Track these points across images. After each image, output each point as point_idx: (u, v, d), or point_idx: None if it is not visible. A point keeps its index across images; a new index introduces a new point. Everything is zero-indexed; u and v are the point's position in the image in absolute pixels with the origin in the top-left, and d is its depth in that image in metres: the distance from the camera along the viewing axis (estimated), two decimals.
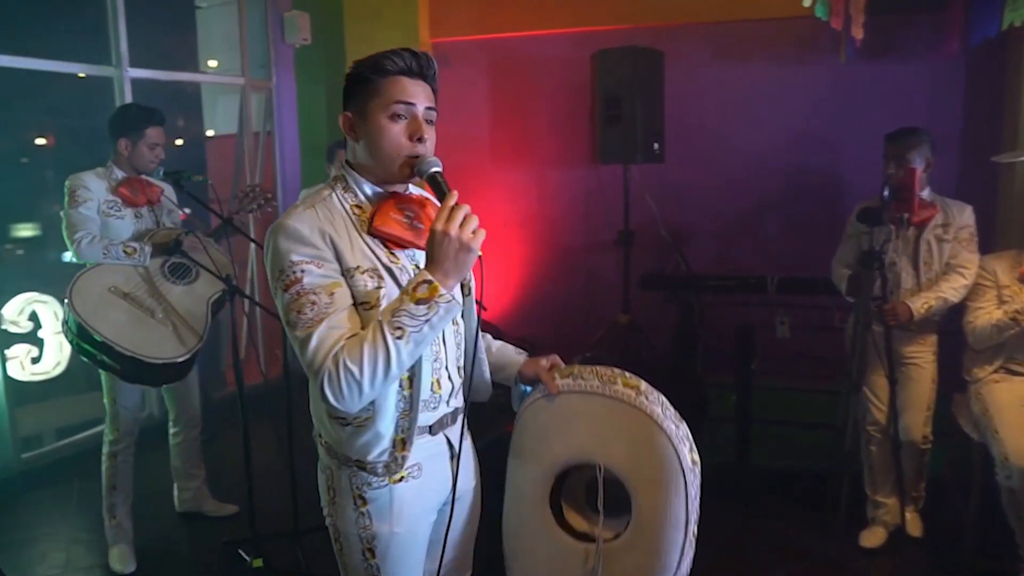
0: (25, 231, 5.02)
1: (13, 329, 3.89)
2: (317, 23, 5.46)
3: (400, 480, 1.60)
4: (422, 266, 1.44)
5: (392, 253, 1.54)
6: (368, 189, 1.57)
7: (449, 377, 1.64)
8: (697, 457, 1.64)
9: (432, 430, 1.63)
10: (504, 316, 5.56)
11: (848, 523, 3.15)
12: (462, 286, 1.68)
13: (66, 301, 2.79)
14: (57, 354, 4.00)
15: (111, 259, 2.93)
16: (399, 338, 1.38)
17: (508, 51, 5.36)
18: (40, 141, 5.68)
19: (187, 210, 3.33)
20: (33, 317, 3.95)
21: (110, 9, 4.26)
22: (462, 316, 1.72)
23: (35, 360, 3.98)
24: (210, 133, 5.72)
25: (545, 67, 5.24)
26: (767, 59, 4.63)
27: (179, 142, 6.30)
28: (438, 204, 1.72)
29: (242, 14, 5.14)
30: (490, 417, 2.34)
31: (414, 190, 1.68)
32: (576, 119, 5.05)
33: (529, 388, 1.80)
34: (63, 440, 4.27)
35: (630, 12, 4.82)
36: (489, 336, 1.86)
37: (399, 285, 1.51)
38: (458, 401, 1.70)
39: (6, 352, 3.87)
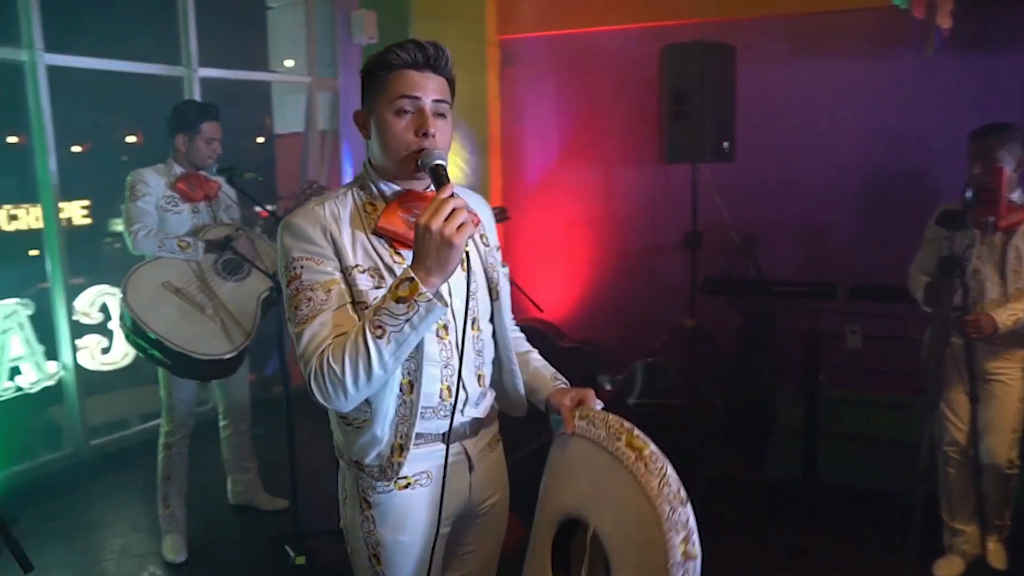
0: (121, 225, 5.21)
1: (84, 320, 4.03)
2: (384, 21, 5.48)
3: (407, 487, 1.55)
4: None
5: (397, 253, 1.50)
6: (385, 187, 1.54)
7: (464, 386, 1.57)
8: (696, 550, 1.33)
9: (446, 438, 1.56)
10: (568, 318, 5.45)
11: (921, 550, 2.93)
12: (490, 290, 1.62)
13: (120, 296, 2.85)
14: (126, 346, 4.11)
15: (166, 252, 2.98)
16: (379, 337, 1.34)
17: (575, 47, 5.26)
18: (131, 139, 5.91)
19: (270, 207, 3.37)
20: (103, 309, 4.08)
21: (181, 11, 4.37)
22: (490, 320, 1.65)
23: (105, 351, 4.12)
24: (280, 131, 5.82)
25: (613, 63, 5.11)
26: (846, 53, 4.37)
27: (260, 140, 6.45)
28: None
29: (309, 13, 5.21)
30: (528, 427, 2.24)
31: None
32: (644, 117, 4.91)
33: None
34: (130, 429, 4.40)
35: (700, 6, 4.64)
36: (534, 354, 1.77)
37: None
38: (479, 411, 1.63)
39: (77, 342, 4.01)
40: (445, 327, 1.54)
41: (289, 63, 5.83)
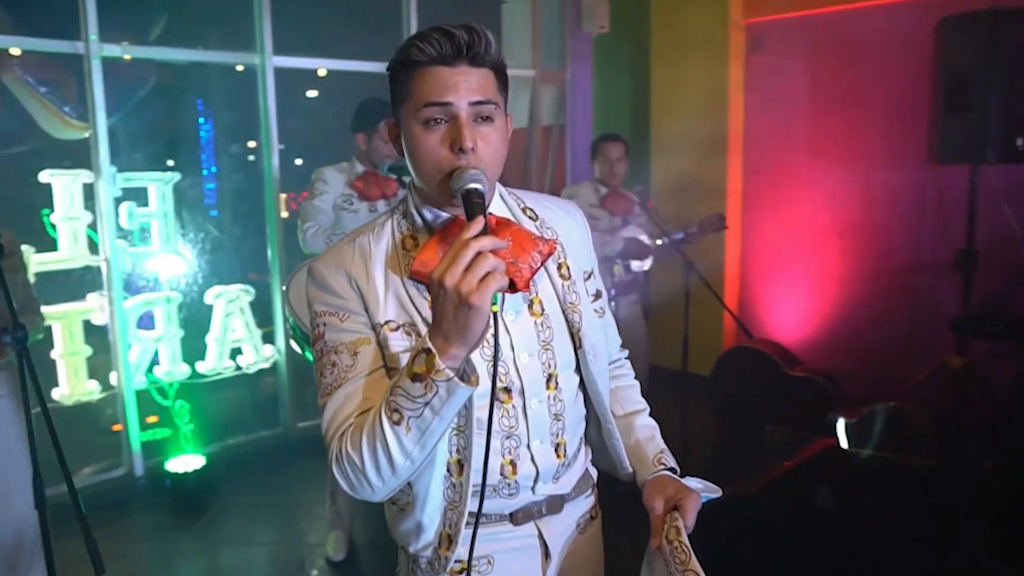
0: None
1: None
2: (620, 9, 5.16)
3: (461, 572, 1.26)
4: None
5: None
6: (429, 214, 1.23)
7: (533, 459, 1.25)
8: None
9: (515, 519, 1.28)
10: (805, 341, 4.75)
11: None
12: (572, 336, 1.27)
13: (283, 293, 2.87)
14: None
15: None
16: (397, 423, 1.07)
17: (832, 28, 4.53)
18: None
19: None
20: None
21: (404, 8, 4.41)
22: (577, 369, 1.30)
23: None
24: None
25: (876, 45, 4.32)
26: None
27: None
28: (530, 228, 1.31)
29: (536, 4, 5.03)
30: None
31: (501, 210, 1.29)
32: (912, 108, 4.10)
33: None
34: None
35: None
36: (642, 417, 1.41)
37: None
38: (559, 486, 1.31)
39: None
40: (507, 390, 1.22)
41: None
